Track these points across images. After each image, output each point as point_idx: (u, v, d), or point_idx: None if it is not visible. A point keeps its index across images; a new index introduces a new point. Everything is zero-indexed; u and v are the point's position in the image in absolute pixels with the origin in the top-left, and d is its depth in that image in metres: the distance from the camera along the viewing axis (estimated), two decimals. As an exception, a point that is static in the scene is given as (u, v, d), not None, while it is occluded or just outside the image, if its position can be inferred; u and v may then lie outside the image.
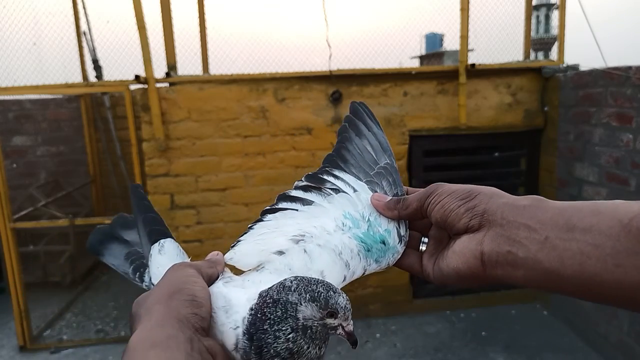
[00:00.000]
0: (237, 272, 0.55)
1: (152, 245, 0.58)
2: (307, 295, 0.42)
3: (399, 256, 0.54)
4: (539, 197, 0.44)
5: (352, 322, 0.44)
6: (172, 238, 0.59)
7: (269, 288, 0.44)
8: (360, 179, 0.59)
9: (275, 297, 0.42)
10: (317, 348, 0.42)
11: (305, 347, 0.41)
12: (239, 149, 3.15)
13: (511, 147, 3.44)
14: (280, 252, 0.54)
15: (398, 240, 0.53)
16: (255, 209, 3.23)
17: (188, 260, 0.59)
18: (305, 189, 0.59)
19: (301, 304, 0.42)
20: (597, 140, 2.78)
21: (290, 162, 3.20)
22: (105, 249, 0.64)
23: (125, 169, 4.47)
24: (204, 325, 0.41)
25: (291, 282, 0.43)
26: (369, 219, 0.55)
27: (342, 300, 0.43)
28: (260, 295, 0.43)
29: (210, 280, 0.50)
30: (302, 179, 0.60)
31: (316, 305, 0.42)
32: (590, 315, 2.90)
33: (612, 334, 2.71)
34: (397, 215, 0.54)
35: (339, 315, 0.43)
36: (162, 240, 0.61)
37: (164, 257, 0.56)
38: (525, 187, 3.47)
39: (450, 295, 3.49)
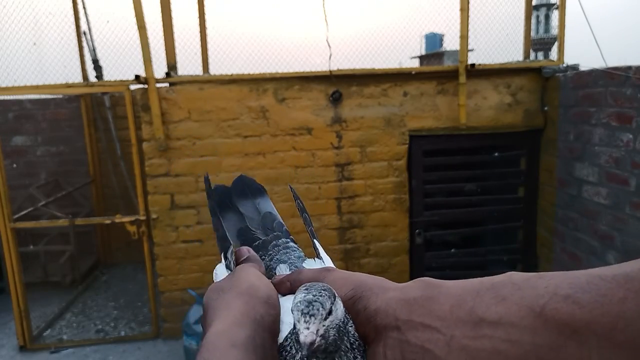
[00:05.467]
0: None
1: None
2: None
3: None
4: (428, 281, 0.38)
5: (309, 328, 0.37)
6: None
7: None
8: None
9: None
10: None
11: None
12: (239, 149, 3.15)
13: (511, 147, 3.44)
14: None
15: None
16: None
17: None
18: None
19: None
20: (597, 140, 2.78)
21: (290, 162, 3.20)
22: (223, 211, 0.58)
23: (125, 169, 4.47)
24: (276, 327, 0.40)
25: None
26: None
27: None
28: None
29: None
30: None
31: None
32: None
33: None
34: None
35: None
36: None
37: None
38: (525, 187, 3.48)
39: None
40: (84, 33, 4.10)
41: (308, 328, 0.36)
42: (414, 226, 3.36)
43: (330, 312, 0.37)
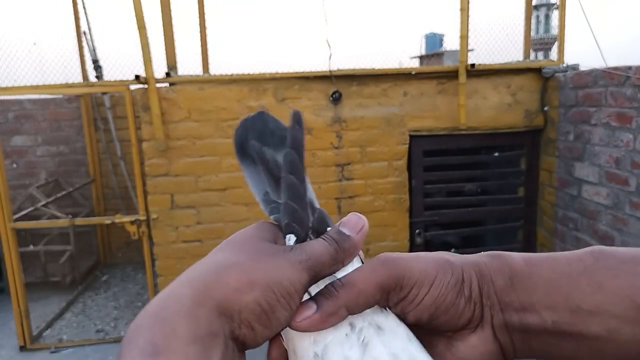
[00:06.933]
0: None
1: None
2: None
3: None
4: (505, 257, 0.36)
5: None
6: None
7: None
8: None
9: None
10: None
11: None
12: (239, 149, 3.15)
13: (511, 147, 3.44)
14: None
15: None
16: (255, 209, 3.23)
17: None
18: None
19: None
20: (597, 140, 2.78)
21: (290, 162, 3.20)
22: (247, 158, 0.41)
23: (125, 169, 4.47)
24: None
25: None
26: None
27: None
28: None
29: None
30: None
31: None
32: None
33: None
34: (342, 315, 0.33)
35: None
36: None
37: None
38: (525, 187, 3.48)
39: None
40: (84, 33, 4.10)
41: None
42: (414, 226, 3.36)
43: None
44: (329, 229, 0.36)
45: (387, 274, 0.33)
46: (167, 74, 3.07)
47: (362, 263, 0.37)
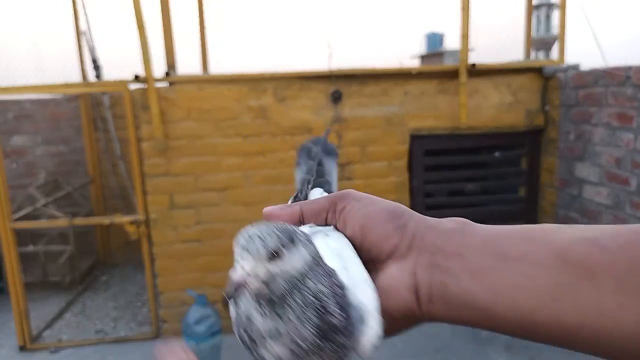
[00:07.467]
0: None
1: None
2: None
3: None
4: (464, 219, 0.39)
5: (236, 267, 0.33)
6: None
7: None
8: None
9: None
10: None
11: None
12: (239, 148, 3.14)
13: (512, 146, 3.43)
14: None
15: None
16: (255, 209, 3.22)
17: None
18: None
19: None
20: (598, 140, 2.77)
21: (290, 162, 3.19)
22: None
23: (125, 169, 4.47)
24: None
25: None
26: None
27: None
28: None
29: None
30: None
31: None
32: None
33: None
34: (295, 213, 0.43)
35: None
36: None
37: None
38: (526, 187, 3.47)
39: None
40: (84, 33, 4.09)
41: (241, 266, 0.32)
42: (414, 226, 3.35)
43: (276, 255, 0.32)
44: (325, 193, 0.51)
45: (337, 193, 0.43)
46: (167, 74, 3.07)
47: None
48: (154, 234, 3.17)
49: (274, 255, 0.32)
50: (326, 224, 0.42)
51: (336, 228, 0.41)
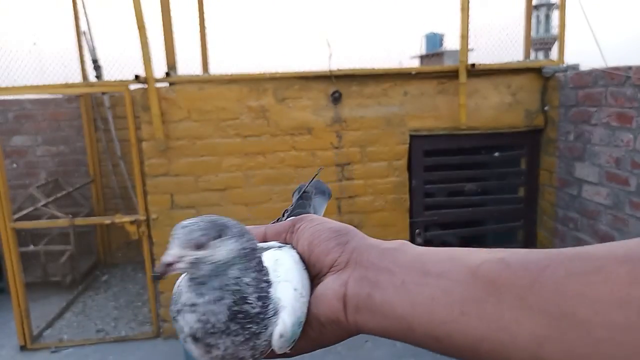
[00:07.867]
0: None
1: None
2: None
3: None
4: (404, 241, 0.42)
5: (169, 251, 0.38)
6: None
7: None
8: None
9: None
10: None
11: None
12: (239, 148, 3.15)
13: (511, 147, 3.43)
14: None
15: None
16: (255, 209, 3.23)
17: None
18: None
19: None
20: (597, 140, 2.78)
21: (290, 162, 3.20)
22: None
23: (125, 169, 4.47)
24: None
25: None
26: None
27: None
28: None
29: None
30: None
31: None
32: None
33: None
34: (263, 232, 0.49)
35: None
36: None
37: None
38: (526, 187, 3.47)
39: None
40: (84, 33, 4.10)
41: (171, 251, 0.38)
42: (414, 226, 3.36)
43: (202, 246, 0.38)
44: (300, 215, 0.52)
45: (297, 217, 0.48)
46: (167, 74, 3.07)
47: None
48: (155, 234, 3.17)
49: (202, 247, 0.38)
50: (286, 243, 0.47)
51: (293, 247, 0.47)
